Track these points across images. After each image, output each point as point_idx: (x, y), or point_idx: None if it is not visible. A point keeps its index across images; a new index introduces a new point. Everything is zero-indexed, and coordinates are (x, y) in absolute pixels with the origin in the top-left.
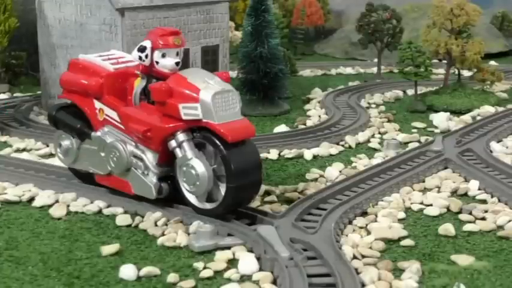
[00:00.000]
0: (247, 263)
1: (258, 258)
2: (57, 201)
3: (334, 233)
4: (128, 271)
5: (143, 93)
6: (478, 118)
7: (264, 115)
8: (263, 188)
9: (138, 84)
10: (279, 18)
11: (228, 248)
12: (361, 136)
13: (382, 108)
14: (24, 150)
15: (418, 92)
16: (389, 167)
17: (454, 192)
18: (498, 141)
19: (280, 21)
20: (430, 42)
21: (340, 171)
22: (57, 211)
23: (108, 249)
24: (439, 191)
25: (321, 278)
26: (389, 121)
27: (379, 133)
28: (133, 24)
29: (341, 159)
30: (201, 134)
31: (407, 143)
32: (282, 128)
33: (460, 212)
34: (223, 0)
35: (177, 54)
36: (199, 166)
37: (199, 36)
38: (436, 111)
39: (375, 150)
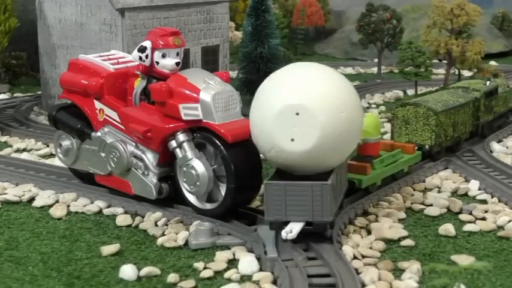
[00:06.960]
0: (248, 263)
1: (259, 259)
2: (57, 202)
3: (335, 233)
4: (128, 271)
5: (143, 93)
6: None
7: None
8: (263, 188)
9: (138, 84)
10: (279, 18)
11: (228, 247)
12: None
13: (383, 108)
14: (24, 150)
15: (418, 92)
16: None
17: (454, 193)
18: (498, 141)
19: (280, 21)
20: (430, 42)
21: None
22: (57, 211)
23: (108, 249)
24: (439, 191)
25: (321, 278)
26: (389, 121)
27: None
28: (134, 25)
29: None
30: (201, 134)
31: None
32: None
33: (460, 212)
34: (223, 0)
35: (177, 54)
36: (199, 166)
37: (200, 36)
38: None
39: None
